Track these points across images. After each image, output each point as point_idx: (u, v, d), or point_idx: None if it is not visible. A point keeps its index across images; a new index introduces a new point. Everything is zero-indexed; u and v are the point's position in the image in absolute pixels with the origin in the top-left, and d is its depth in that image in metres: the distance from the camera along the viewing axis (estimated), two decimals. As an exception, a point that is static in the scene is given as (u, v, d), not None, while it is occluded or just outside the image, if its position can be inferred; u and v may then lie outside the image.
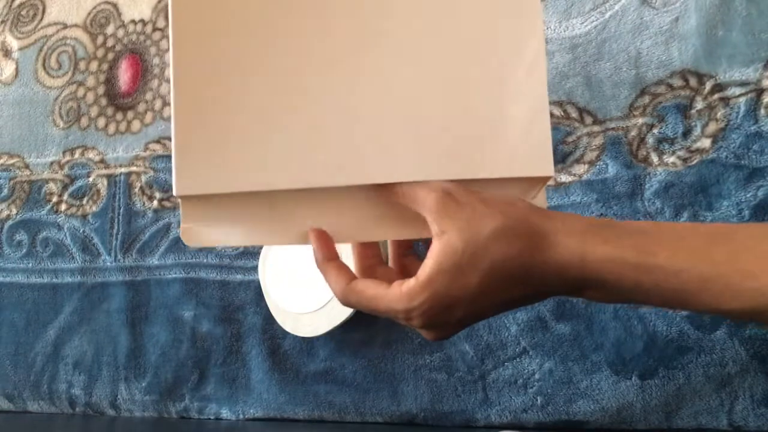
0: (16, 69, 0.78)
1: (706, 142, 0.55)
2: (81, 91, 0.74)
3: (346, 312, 0.56)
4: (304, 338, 0.60)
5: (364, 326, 0.56)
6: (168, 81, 0.71)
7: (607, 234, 0.31)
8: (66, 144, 0.73)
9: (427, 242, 0.33)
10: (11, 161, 0.75)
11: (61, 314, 0.70)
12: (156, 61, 0.72)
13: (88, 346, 0.69)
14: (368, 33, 0.34)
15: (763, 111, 0.53)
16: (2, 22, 0.80)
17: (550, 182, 0.58)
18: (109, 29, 0.75)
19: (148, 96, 0.72)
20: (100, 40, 0.75)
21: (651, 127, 0.56)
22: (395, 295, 0.32)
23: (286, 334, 0.60)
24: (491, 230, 0.31)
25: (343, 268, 0.36)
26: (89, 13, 0.76)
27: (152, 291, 0.67)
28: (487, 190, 0.34)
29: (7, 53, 0.79)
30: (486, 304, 0.33)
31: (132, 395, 0.67)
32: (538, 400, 0.56)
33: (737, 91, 0.54)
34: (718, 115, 0.54)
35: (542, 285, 0.32)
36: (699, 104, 0.55)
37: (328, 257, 0.36)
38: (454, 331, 0.34)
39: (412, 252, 0.41)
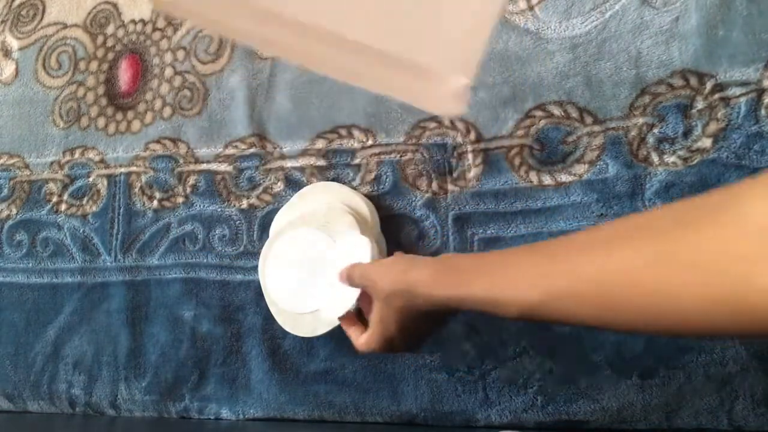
0: (16, 69, 0.78)
1: (706, 142, 0.55)
2: (81, 91, 0.74)
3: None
4: (304, 338, 0.60)
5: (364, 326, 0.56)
6: (168, 81, 0.71)
7: (447, 281, 0.40)
8: (66, 144, 0.73)
9: None
10: (11, 161, 0.75)
11: (61, 314, 0.70)
12: (156, 61, 0.72)
13: (88, 346, 0.68)
14: None
15: (763, 111, 0.53)
16: (2, 22, 0.80)
17: (551, 182, 0.58)
18: (109, 29, 0.75)
19: (148, 96, 0.72)
20: (100, 40, 0.75)
21: (651, 126, 0.56)
22: (361, 339, 0.49)
23: (286, 334, 0.60)
24: (385, 296, 0.44)
25: (357, 326, 0.52)
26: (89, 13, 0.76)
27: (152, 291, 0.67)
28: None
29: (7, 53, 0.79)
30: (405, 334, 0.45)
31: (132, 395, 0.67)
32: (539, 400, 0.56)
33: (738, 91, 0.54)
34: (719, 114, 0.54)
35: (426, 318, 0.43)
36: (699, 104, 0.55)
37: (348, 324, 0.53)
38: (401, 350, 0.47)
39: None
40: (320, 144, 0.65)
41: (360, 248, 0.55)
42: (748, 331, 0.25)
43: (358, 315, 0.53)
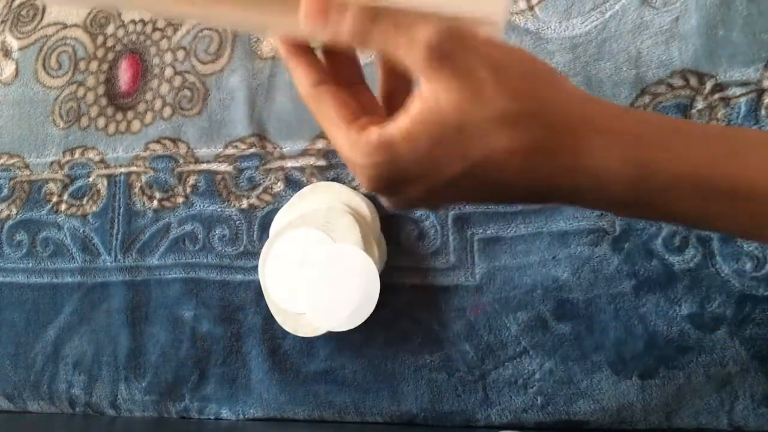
0: (16, 69, 0.78)
1: (706, 142, 0.54)
2: (81, 91, 0.74)
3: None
4: (304, 338, 0.60)
5: (364, 326, 0.56)
6: (168, 81, 0.71)
7: (670, 138, 0.24)
8: (66, 144, 0.73)
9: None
10: (11, 161, 0.75)
11: (61, 314, 0.70)
12: (156, 61, 0.72)
13: (88, 346, 0.68)
14: None
15: (763, 111, 0.53)
16: (2, 22, 0.80)
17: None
18: (109, 29, 0.75)
19: (148, 96, 0.72)
20: (100, 40, 0.75)
21: (651, 127, 0.56)
22: (350, 138, 0.26)
23: (286, 334, 0.60)
24: (501, 110, 0.23)
25: (316, 65, 0.28)
26: (89, 13, 0.76)
27: (152, 291, 0.67)
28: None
29: (7, 53, 0.79)
30: (454, 196, 0.26)
31: (132, 395, 0.67)
32: (539, 400, 0.56)
33: (738, 91, 0.54)
34: (719, 115, 0.54)
35: (556, 194, 0.25)
36: (699, 104, 0.55)
37: (296, 51, 0.28)
38: (401, 206, 0.29)
39: (406, 85, 0.31)
40: (320, 144, 0.65)
41: (359, 253, 0.55)
42: None
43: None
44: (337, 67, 0.30)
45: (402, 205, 0.28)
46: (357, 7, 0.24)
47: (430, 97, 0.24)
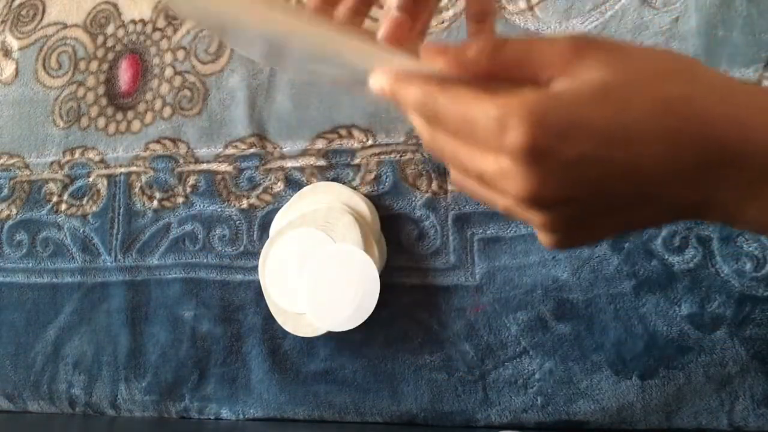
0: (16, 69, 0.78)
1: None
2: (81, 91, 0.74)
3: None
4: (304, 338, 0.60)
5: (364, 326, 0.56)
6: (168, 81, 0.71)
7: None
8: (66, 144, 0.73)
9: None
10: (11, 161, 0.75)
11: (61, 314, 0.70)
12: (156, 61, 0.72)
13: (88, 346, 0.68)
14: None
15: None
16: (2, 22, 0.80)
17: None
18: (109, 29, 0.75)
19: (148, 96, 0.72)
20: (100, 40, 0.75)
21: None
22: (506, 96, 0.22)
23: (286, 334, 0.60)
24: (663, 68, 0.23)
25: (431, 78, 0.26)
26: (89, 13, 0.76)
27: (152, 291, 0.67)
28: None
29: (7, 53, 0.79)
30: (621, 160, 0.22)
31: (132, 395, 0.67)
32: (539, 400, 0.56)
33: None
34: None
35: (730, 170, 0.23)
36: (699, 104, 0.55)
37: (406, 76, 0.26)
38: (552, 177, 0.23)
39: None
40: (320, 144, 0.65)
41: (359, 253, 0.55)
42: None
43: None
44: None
45: (555, 178, 0.23)
46: (481, 41, 0.25)
47: (584, 78, 0.23)
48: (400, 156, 0.62)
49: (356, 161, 0.63)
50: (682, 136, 0.22)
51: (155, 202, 0.69)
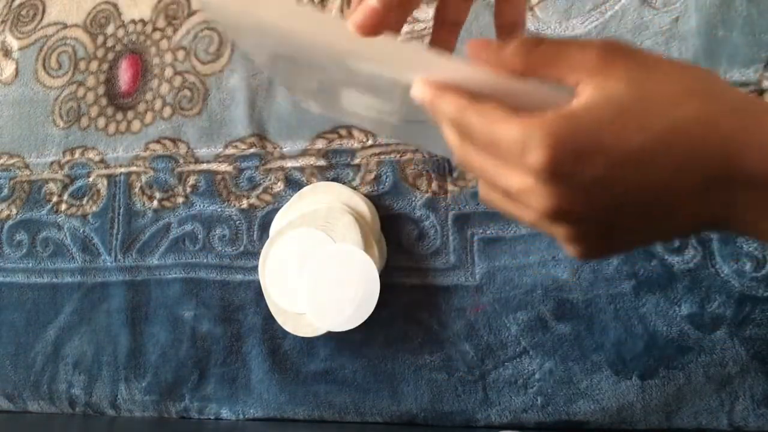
0: (16, 69, 0.78)
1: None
2: (81, 91, 0.74)
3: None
4: (304, 338, 0.60)
5: (364, 326, 0.56)
6: (168, 81, 0.71)
7: None
8: (66, 144, 0.73)
9: None
10: (11, 161, 0.75)
11: (61, 314, 0.70)
12: (156, 61, 0.72)
13: (88, 346, 0.68)
14: None
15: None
16: (2, 22, 0.80)
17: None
18: (109, 29, 0.75)
19: (148, 96, 0.72)
20: (100, 40, 0.75)
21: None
22: (523, 123, 0.24)
23: (286, 334, 0.60)
24: (683, 85, 0.23)
25: (465, 94, 0.27)
26: (89, 13, 0.76)
27: (152, 291, 0.67)
28: None
29: (7, 53, 0.79)
30: (631, 178, 0.23)
31: (132, 395, 0.67)
32: (539, 400, 0.56)
33: (737, 91, 0.54)
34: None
35: (737, 172, 0.23)
36: (699, 104, 0.55)
37: (442, 87, 0.27)
38: (573, 198, 0.24)
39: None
40: (320, 144, 0.65)
41: (359, 253, 0.55)
42: None
43: None
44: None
45: (573, 195, 0.24)
46: (518, 41, 0.26)
47: (605, 86, 0.24)
48: (400, 156, 0.62)
49: (356, 161, 0.63)
50: (697, 158, 0.23)
51: (155, 202, 0.69)
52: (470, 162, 0.27)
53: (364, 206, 0.60)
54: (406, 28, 0.64)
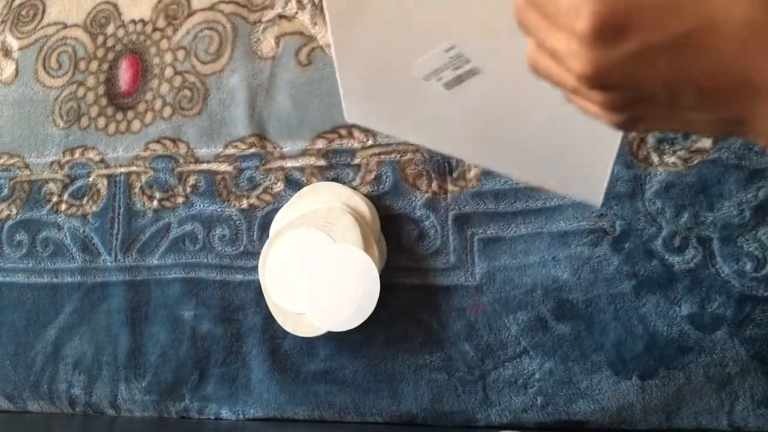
0: (16, 69, 0.78)
1: (706, 143, 0.54)
2: (81, 91, 0.74)
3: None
4: (304, 338, 0.60)
5: (364, 326, 0.56)
6: (168, 81, 0.71)
7: None
8: (66, 144, 0.73)
9: None
10: (11, 161, 0.75)
11: (61, 314, 0.70)
12: (156, 61, 0.72)
13: (88, 346, 0.68)
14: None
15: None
16: (2, 22, 0.80)
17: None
18: (109, 29, 0.75)
19: (148, 96, 0.72)
20: (100, 40, 0.75)
21: (651, 127, 0.56)
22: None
23: (286, 334, 0.60)
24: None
25: None
26: (89, 13, 0.76)
27: (152, 291, 0.67)
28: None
29: (7, 53, 0.79)
30: (669, 65, 0.24)
31: (132, 395, 0.67)
32: (538, 400, 0.56)
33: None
34: None
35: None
36: (699, 104, 0.55)
37: None
38: (603, 70, 0.25)
39: None
40: (320, 144, 0.65)
41: (359, 253, 0.55)
42: None
43: None
44: None
45: (611, 65, 0.25)
46: None
47: None
48: (401, 156, 0.62)
49: (356, 161, 0.63)
50: (732, 60, 0.23)
51: (155, 202, 0.69)
52: (528, 20, 0.28)
53: (364, 206, 0.60)
54: None
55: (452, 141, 0.42)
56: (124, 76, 0.73)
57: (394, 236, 0.61)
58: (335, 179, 0.64)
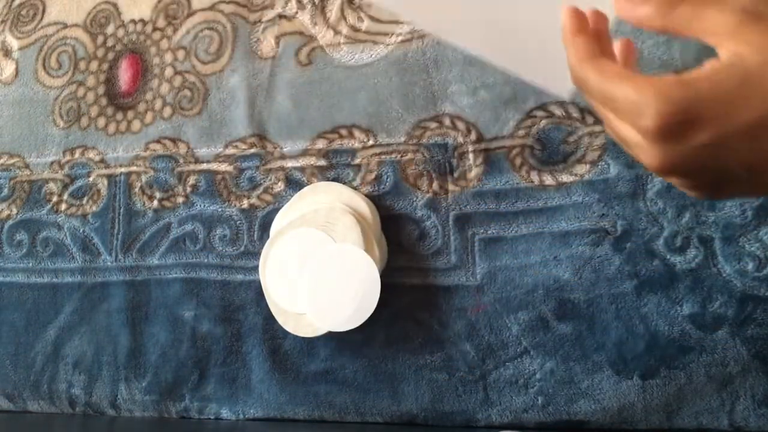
0: (16, 69, 0.77)
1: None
2: (81, 91, 0.74)
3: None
4: (304, 338, 0.60)
5: (364, 326, 0.56)
6: (168, 81, 0.71)
7: None
8: (66, 144, 0.73)
9: None
10: (11, 161, 0.75)
11: (61, 314, 0.70)
12: (156, 60, 0.72)
13: (88, 346, 0.68)
14: None
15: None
16: (2, 21, 0.80)
17: (552, 183, 0.58)
18: (109, 29, 0.75)
19: (148, 96, 0.72)
20: (100, 39, 0.75)
21: (652, 126, 0.56)
22: (642, 82, 0.25)
23: (286, 334, 0.60)
24: None
25: (593, 43, 0.29)
26: (89, 13, 0.76)
27: (152, 291, 0.67)
28: None
29: (7, 53, 0.78)
30: (741, 152, 0.24)
31: (132, 395, 0.67)
32: (539, 400, 0.56)
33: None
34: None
35: None
36: (700, 104, 0.55)
37: (578, 30, 0.30)
38: (678, 161, 0.25)
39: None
40: (321, 144, 0.64)
41: (359, 253, 0.55)
42: None
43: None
44: (607, 54, 0.32)
45: (681, 158, 0.25)
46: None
47: (736, 51, 0.24)
48: (401, 156, 0.62)
49: (357, 161, 0.63)
50: None
51: (155, 202, 0.69)
52: (585, 86, 0.28)
53: (364, 206, 0.60)
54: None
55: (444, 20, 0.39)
56: (124, 76, 0.73)
57: (394, 236, 0.61)
58: (336, 179, 0.64)
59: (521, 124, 0.59)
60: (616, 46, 0.33)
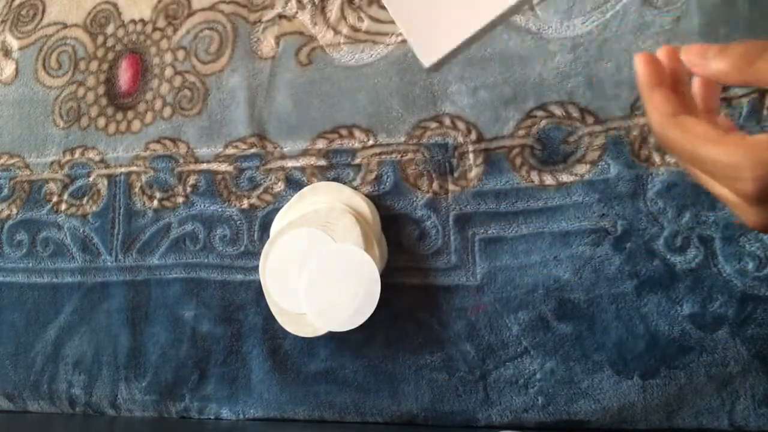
0: (16, 69, 0.77)
1: (707, 142, 0.54)
2: (81, 91, 0.74)
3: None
4: (304, 338, 0.60)
5: (364, 326, 0.56)
6: (168, 81, 0.71)
7: None
8: (66, 144, 0.73)
9: None
10: (11, 161, 0.75)
11: (61, 314, 0.70)
12: (156, 60, 0.72)
13: (88, 346, 0.68)
14: None
15: (765, 112, 0.53)
16: (2, 21, 0.80)
17: (552, 183, 0.58)
18: (109, 29, 0.75)
19: (148, 96, 0.72)
20: (100, 39, 0.75)
21: (652, 126, 0.56)
22: (734, 144, 0.25)
23: (286, 334, 0.60)
24: None
25: (673, 97, 0.28)
26: (89, 13, 0.76)
27: (152, 291, 0.67)
28: None
29: (7, 53, 0.78)
30: None
31: (132, 395, 0.66)
32: (539, 400, 0.56)
33: (740, 91, 0.54)
34: (722, 115, 0.54)
35: None
36: (700, 104, 0.55)
37: (655, 82, 0.29)
38: None
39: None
40: (321, 144, 0.64)
41: (359, 253, 0.55)
42: None
43: None
44: (688, 100, 0.31)
45: None
46: (738, 48, 0.26)
47: None
48: (401, 156, 0.62)
49: (357, 161, 0.63)
50: None
51: (155, 202, 0.69)
52: (673, 144, 0.28)
53: (364, 206, 0.60)
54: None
55: None
56: (124, 76, 0.73)
57: (394, 236, 0.61)
58: (336, 179, 0.64)
59: (521, 124, 0.59)
60: (695, 85, 0.32)
